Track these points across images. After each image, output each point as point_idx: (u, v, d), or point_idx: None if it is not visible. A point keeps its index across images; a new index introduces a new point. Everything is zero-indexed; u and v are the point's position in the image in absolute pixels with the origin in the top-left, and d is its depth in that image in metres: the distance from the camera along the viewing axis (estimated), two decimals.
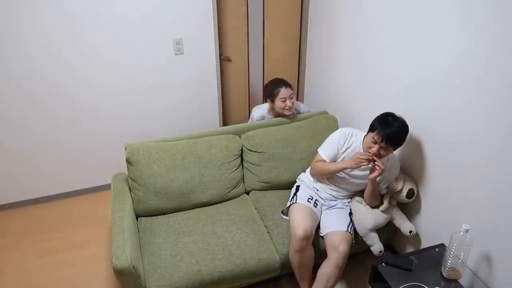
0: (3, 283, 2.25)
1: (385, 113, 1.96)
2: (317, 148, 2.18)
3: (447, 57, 1.80)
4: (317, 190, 2.22)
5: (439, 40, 1.83)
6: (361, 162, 1.89)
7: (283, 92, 2.49)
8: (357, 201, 2.16)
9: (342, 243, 1.93)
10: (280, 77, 2.70)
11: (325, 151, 2.12)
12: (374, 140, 1.90)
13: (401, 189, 2.05)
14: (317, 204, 2.14)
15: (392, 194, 2.08)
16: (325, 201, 2.20)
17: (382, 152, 1.90)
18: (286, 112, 2.57)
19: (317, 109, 3.03)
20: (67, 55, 2.56)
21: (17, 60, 2.46)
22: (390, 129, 1.86)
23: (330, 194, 2.20)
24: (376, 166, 1.89)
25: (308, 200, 2.12)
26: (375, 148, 1.89)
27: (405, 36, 2.05)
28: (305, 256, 1.96)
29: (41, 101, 2.63)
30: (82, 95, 2.72)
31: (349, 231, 2.03)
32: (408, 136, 2.11)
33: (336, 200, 2.20)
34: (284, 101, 2.52)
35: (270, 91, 2.54)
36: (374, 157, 1.87)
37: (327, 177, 2.17)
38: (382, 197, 2.11)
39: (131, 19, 2.61)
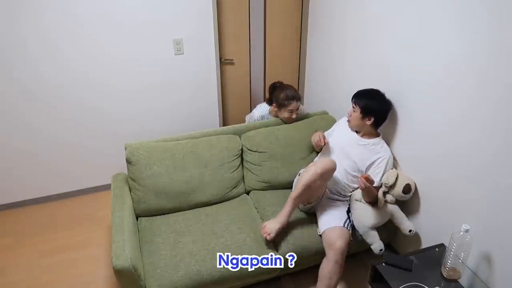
0: (3, 283, 2.25)
1: None
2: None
3: (447, 57, 1.80)
4: None
5: (439, 40, 1.83)
6: (313, 137, 2.31)
7: (294, 105, 2.49)
8: (356, 199, 2.16)
9: (338, 239, 1.94)
10: (281, 80, 2.74)
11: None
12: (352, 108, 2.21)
13: (394, 184, 2.05)
14: None
15: (387, 189, 2.08)
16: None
17: (352, 111, 2.19)
18: (288, 122, 2.59)
19: (317, 109, 3.03)
20: (69, 55, 2.57)
21: (19, 59, 2.46)
22: (361, 90, 2.22)
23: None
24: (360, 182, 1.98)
25: None
26: (350, 110, 2.22)
27: (405, 36, 2.05)
28: (318, 183, 2.00)
29: (42, 101, 2.63)
30: (82, 95, 2.72)
31: (345, 226, 2.04)
32: (408, 135, 2.12)
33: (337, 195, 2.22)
34: (291, 112, 2.52)
35: (281, 100, 2.48)
36: (323, 141, 2.21)
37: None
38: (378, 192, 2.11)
39: (131, 19, 2.61)
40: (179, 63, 2.89)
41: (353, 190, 2.22)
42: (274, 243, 2.07)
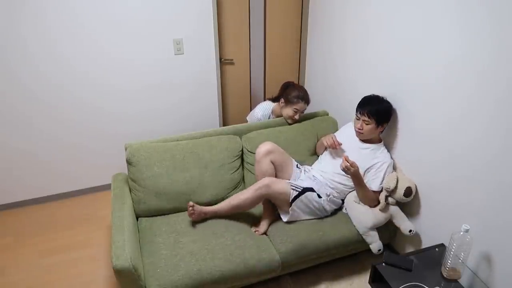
0: (3, 283, 2.25)
1: None
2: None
3: (447, 57, 1.80)
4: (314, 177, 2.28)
5: (439, 40, 1.83)
6: (327, 139, 2.26)
7: (300, 105, 2.51)
8: (355, 201, 2.17)
9: (267, 179, 2.06)
10: (281, 80, 2.75)
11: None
12: (357, 117, 2.17)
13: (395, 188, 2.05)
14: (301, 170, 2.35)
15: (389, 193, 2.08)
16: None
17: (364, 125, 2.14)
18: (289, 121, 2.59)
19: (317, 109, 3.03)
20: (69, 55, 2.57)
21: (19, 59, 2.46)
22: (363, 99, 2.18)
23: (322, 171, 2.27)
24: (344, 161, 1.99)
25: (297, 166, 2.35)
26: (358, 124, 2.16)
27: (405, 36, 2.05)
28: (264, 166, 2.16)
29: (42, 101, 2.63)
30: (82, 95, 2.72)
31: (290, 186, 2.10)
32: (407, 135, 2.13)
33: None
34: (296, 112, 2.53)
35: (292, 97, 2.50)
36: (336, 146, 2.22)
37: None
38: (378, 196, 2.12)
39: (131, 19, 2.61)
40: (179, 63, 2.89)
41: (349, 191, 2.24)
42: (273, 243, 2.07)
